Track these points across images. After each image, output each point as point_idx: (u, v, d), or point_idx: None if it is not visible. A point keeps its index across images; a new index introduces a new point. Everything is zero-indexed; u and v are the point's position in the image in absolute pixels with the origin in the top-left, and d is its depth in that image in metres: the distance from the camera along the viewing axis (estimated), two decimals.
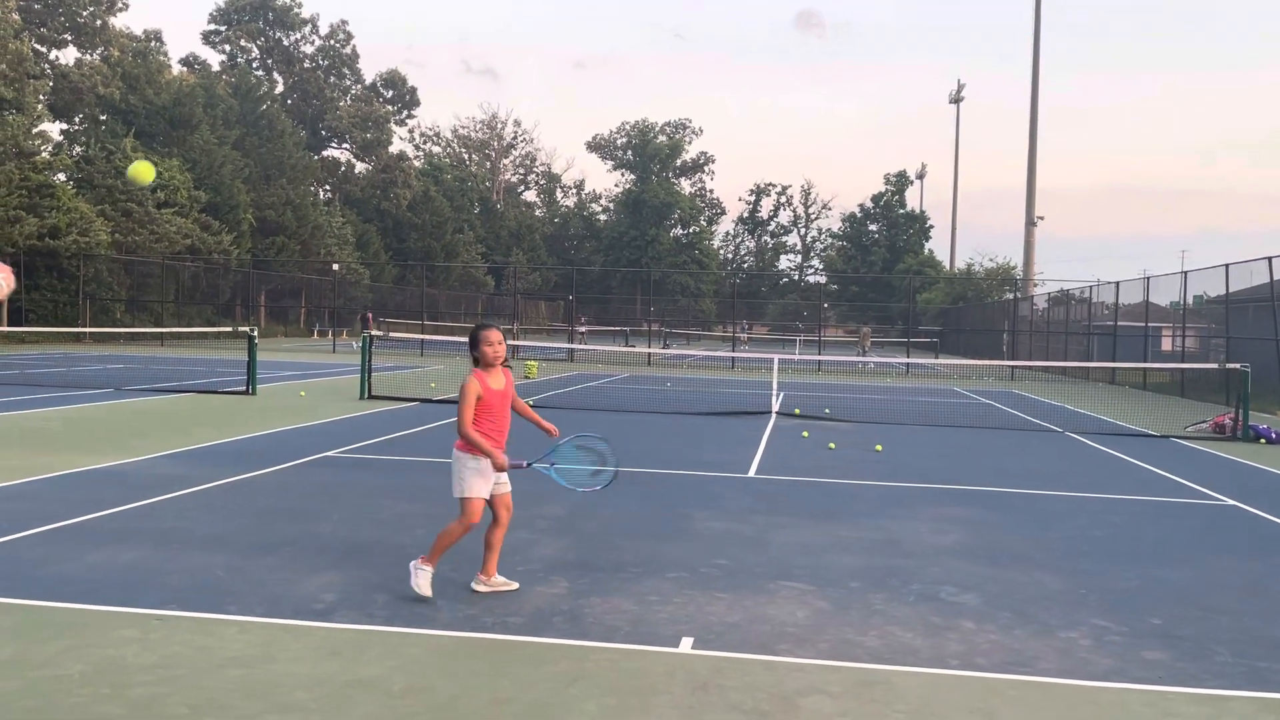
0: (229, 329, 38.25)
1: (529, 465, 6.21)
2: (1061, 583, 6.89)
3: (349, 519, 8.21)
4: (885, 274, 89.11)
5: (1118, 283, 35.85)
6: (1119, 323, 35.83)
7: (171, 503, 8.57)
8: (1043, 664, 5.20)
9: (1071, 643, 5.57)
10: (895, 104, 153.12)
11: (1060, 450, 14.74)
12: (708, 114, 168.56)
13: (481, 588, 6.14)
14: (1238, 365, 17.21)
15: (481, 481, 5.96)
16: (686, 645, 5.33)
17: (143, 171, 5.68)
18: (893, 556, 7.54)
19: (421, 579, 5.92)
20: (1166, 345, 37.08)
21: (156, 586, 6.08)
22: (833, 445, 14.03)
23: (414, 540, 7.41)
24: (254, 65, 72.10)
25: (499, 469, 5.97)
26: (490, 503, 6.07)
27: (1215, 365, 19.46)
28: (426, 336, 31.66)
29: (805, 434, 15.35)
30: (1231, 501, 10.54)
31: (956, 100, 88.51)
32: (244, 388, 19.18)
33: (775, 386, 19.39)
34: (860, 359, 43.42)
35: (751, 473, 11.48)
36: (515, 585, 6.25)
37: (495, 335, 6.16)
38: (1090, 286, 39.47)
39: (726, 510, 9.13)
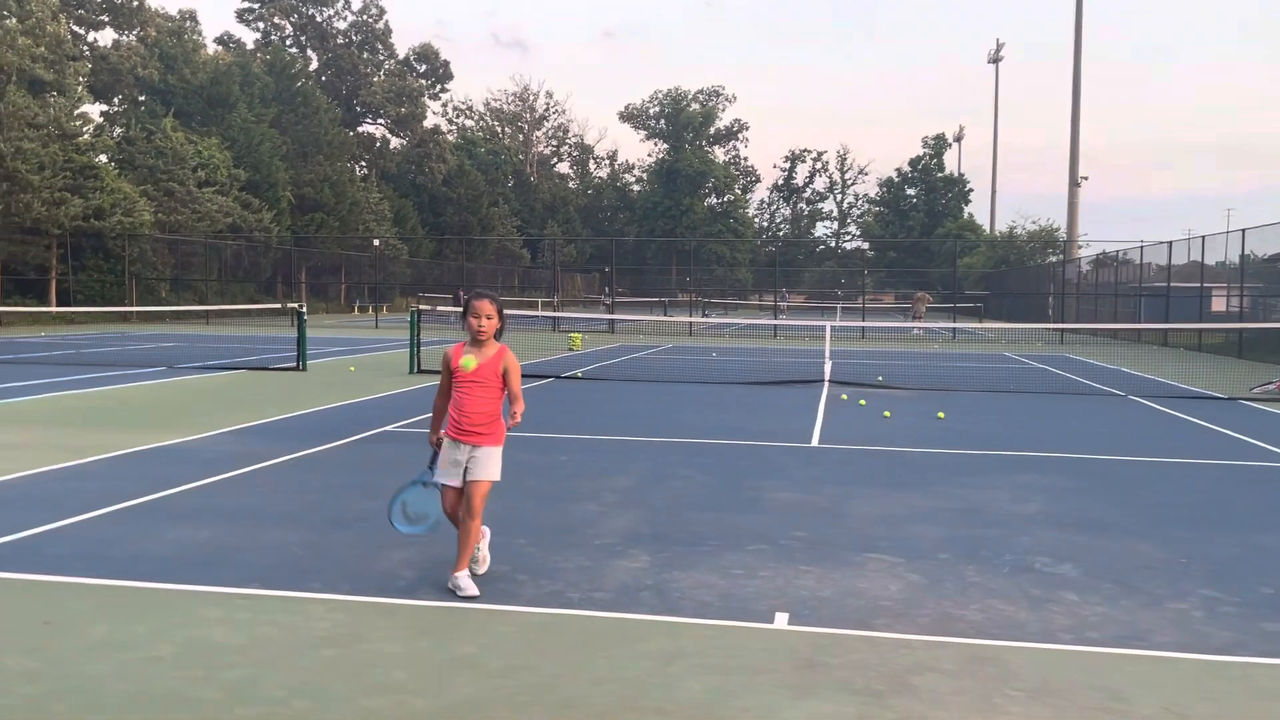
0: (277, 305, 38.44)
1: (425, 483, 5.75)
2: (1159, 551, 6.64)
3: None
4: (924, 239, 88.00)
5: (1170, 242, 35.04)
6: (1170, 284, 35.07)
7: (240, 479, 8.52)
8: (1158, 637, 4.98)
9: (1184, 614, 5.33)
10: (932, 66, 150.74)
11: (1127, 414, 14.38)
12: (741, 81, 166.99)
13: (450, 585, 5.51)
14: None
15: (445, 461, 5.58)
16: (782, 621, 5.16)
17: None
18: (976, 526, 7.31)
19: (459, 580, 5.44)
20: (1218, 305, 36.26)
21: (236, 564, 6.01)
22: (888, 414, 13.77)
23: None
24: (288, 43, 72.15)
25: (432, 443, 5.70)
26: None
27: (1276, 325, 18.84)
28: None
29: (863, 402, 15.09)
30: None
31: (995, 60, 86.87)
32: (294, 364, 19.21)
33: (828, 353, 19.11)
34: (914, 324, 42.80)
35: (814, 442, 11.27)
36: (475, 592, 5.42)
37: (486, 306, 5.52)
38: (1140, 247, 38.65)
39: (795, 480, 8.94)
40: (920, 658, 4.68)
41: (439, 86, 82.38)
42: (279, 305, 35.73)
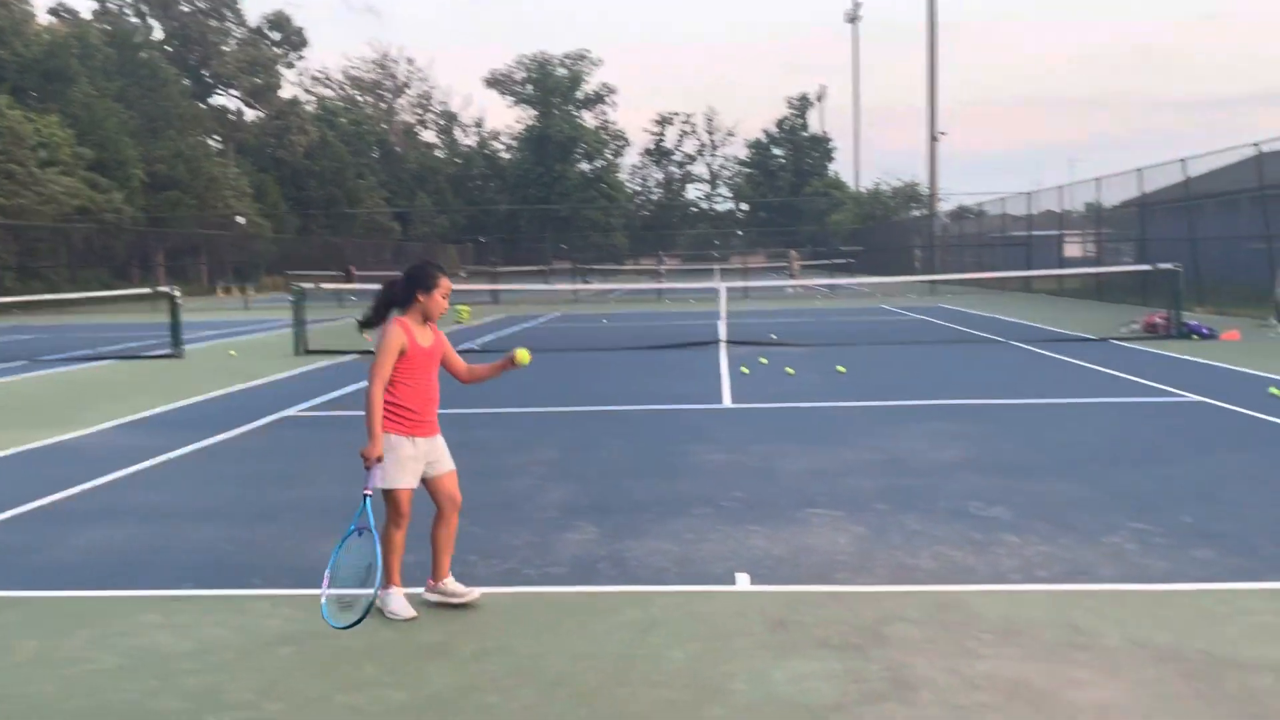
0: (142, 291, 36.51)
1: (365, 497, 4.62)
2: (1078, 489, 6.93)
3: (340, 480, 7.80)
4: (794, 198, 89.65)
5: (1029, 193, 36.58)
6: (1032, 232, 36.66)
7: (143, 475, 8.06)
8: (1102, 571, 5.19)
9: (1118, 548, 5.57)
10: (793, 27, 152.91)
11: (1013, 359, 14.98)
12: (606, 44, 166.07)
13: (431, 595, 4.88)
14: (1170, 266, 17.64)
15: (403, 468, 4.68)
16: (744, 582, 5.17)
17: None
18: (904, 476, 7.49)
19: (394, 603, 4.71)
20: (1072, 252, 38.05)
21: (164, 565, 5.67)
22: (791, 370, 13.99)
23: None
24: (128, 13, 68.13)
25: (364, 455, 4.61)
26: (428, 490, 4.84)
27: (1149, 267, 19.93)
28: (363, 287, 30.87)
29: (763, 360, 15.29)
30: (1196, 397, 10.81)
31: (853, 19, 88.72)
32: (170, 350, 18.30)
33: (724, 314, 19.29)
34: (788, 283, 43.46)
35: (727, 403, 11.36)
36: (477, 594, 4.88)
37: (448, 284, 4.84)
38: (1002, 198, 40.23)
39: (720, 442, 8.98)
40: (887, 608, 4.76)
41: (294, 55, 79.25)
42: (147, 291, 33.90)
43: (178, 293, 19.02)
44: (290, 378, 14.66)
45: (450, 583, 4.91)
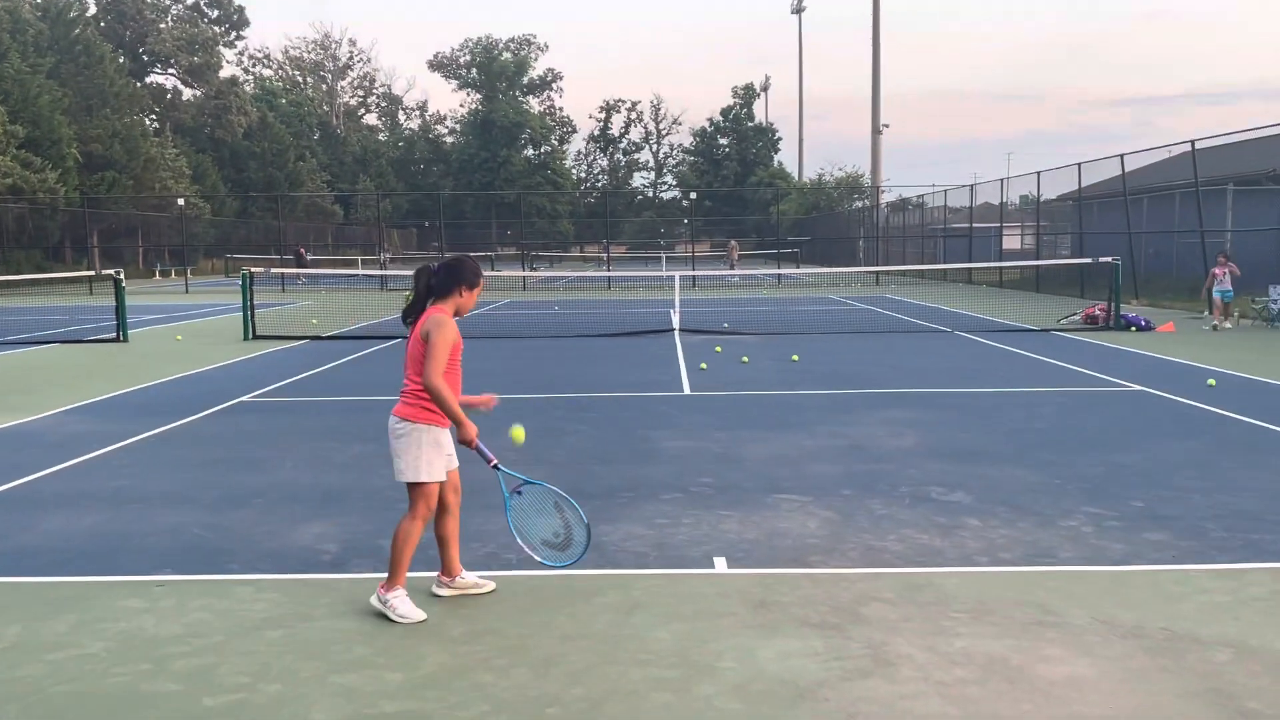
0: (85, 274, 35.60)
1: (496, 467, 4.84)
2: (1033, 475, 7.18)
3: (304, 465, 7.80)
4: (739, 188, 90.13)
5: (972, 186, 37.26)
6: (973, 224, 37.36)
7: (101, 461, 7.95)
8: (1063, 553, 5.41)
9: (1076, 531, 5.81)
10: (739, 16, 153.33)
11: (959, 349, 15.33)
12: (552, 30, 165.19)
13: (445, 591, 4.88)
14: (1110, 259, 18.15)
15: (441, 458, 4.66)
16: (722, 565, 5.30)
17: (516, 434, 5.09)
18: (864, 461, 7.68)
19: (402, 605, 4.57)
20: (1010, 244, 38.91)
21: (137, 551, 5.64)
22: (746, 359, 14.17)
23: (385, 482, 7.08)
24: None
25: (467, 441, 4.64)
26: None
27: (1090, 260, 20.48)
28: (334, 271, 30.35)
29: (718, 349, 15.46)
30: (1138, 386, 11.20)
31: (798, 11, 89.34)
32: (114, 334, 17.96)
33: (677, 303, 19.42)
34: (729, 273, 43.86)
35: (687, 390, 11.49)
36: (492, 586, 4.94)
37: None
38: (945, 191, 40.92)
39: (683, 429, 9.11)
40: (861, 589, 4.92)
41: (234, 34, 77.60)
42: (91, 273, 33.09)
43: (122, 275, 18.61)
44: (241, 363, 14.48)
45: (468, 575, 4.95)
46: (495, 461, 4.81)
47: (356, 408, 10.53)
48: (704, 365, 13.37)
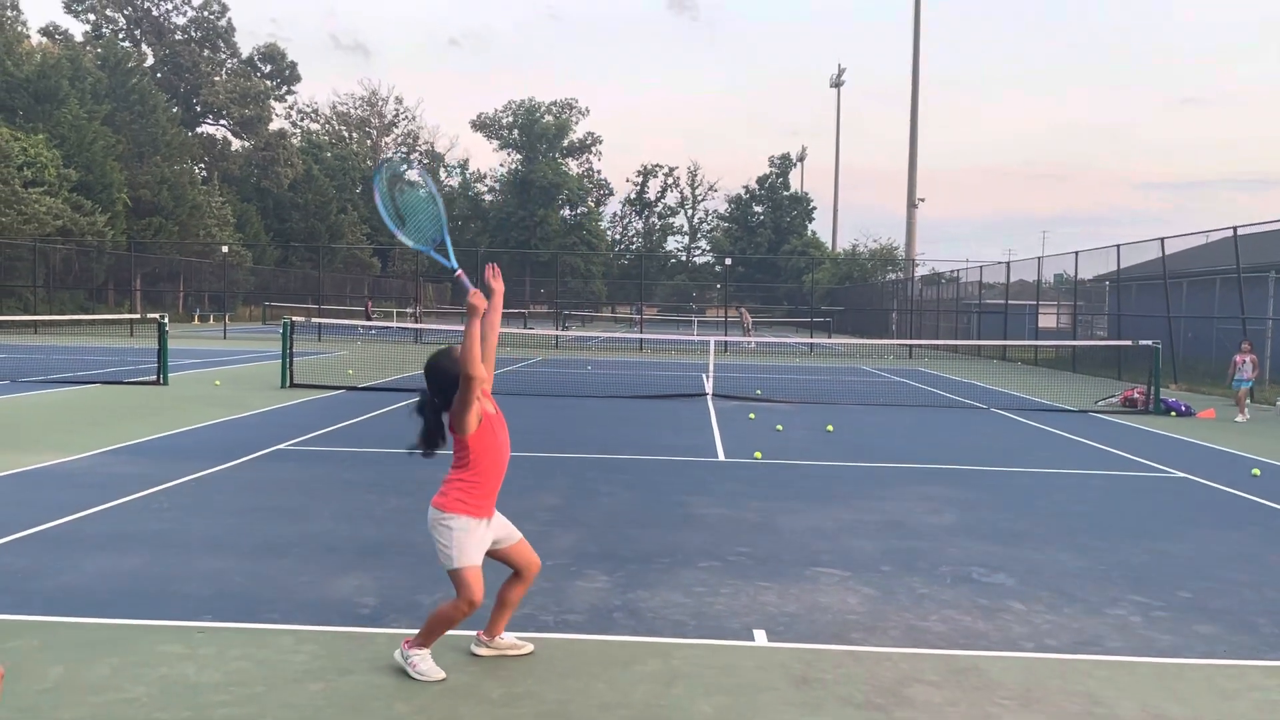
0: (133, 316, 36.21)
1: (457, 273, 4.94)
2: (1077, 559, 7.07)
3: (342, 516, 7.83)
4: (772, 255, 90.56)
5: (1008, 263, 37.24)
6: (1009, 301, 37.25)
7: (143, 503, 8.02)
8: (1111, 643, 5.31)
9: (1123, 620, 5.70)
10: (778, 88, 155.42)
11: (996, 426, 15.20)
12: (594, 95, 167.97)
13: (483, 650, 4.89)
14: (1150, 342, 18.01)
15: (476, 544, 4.61)
16: (762, 638, 5.24)
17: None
18: (904, 538, 7.60)
19: (423, 664, 4.58)
20: (1046, 323, 38.74)
21: (178, 596, 5.67)
22: (780, 427, 14.12)
23: (422, 537, 7.07)
24: (120, 36, 68.31)
25: (476, 306, 4.53)
26: (503, 559, 4.83)
27: (1129, 342, 20.33)
28: (373, 323, 30.69)
29: (752, 415, 15.43)
30: (1180, 473, 11.03)
31: (837, 84, 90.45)
32: (154, 377, 18.20)
33: (711, 368, 19.43)
34: (745, 339, 43.51)
35: (721, 456, 11.46)
36: (530, 648, 4.95)
37: None
38: (980, 266, 40.89)
39: (719, 495, 9.07)
40: (904, 670, 4.84)
41: (285, 89, 79.58)
42: (135, 316, 33.65)
43: (166, 320, 18.91)
44: (278, 411, 14.61)
45: (507, 635, 4.97)
46: (456, 271, 4.92)
47: (393, 460, 10.57)
48: (752, 415, 13.40)
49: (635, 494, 9.05)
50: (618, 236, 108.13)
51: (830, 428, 14.16)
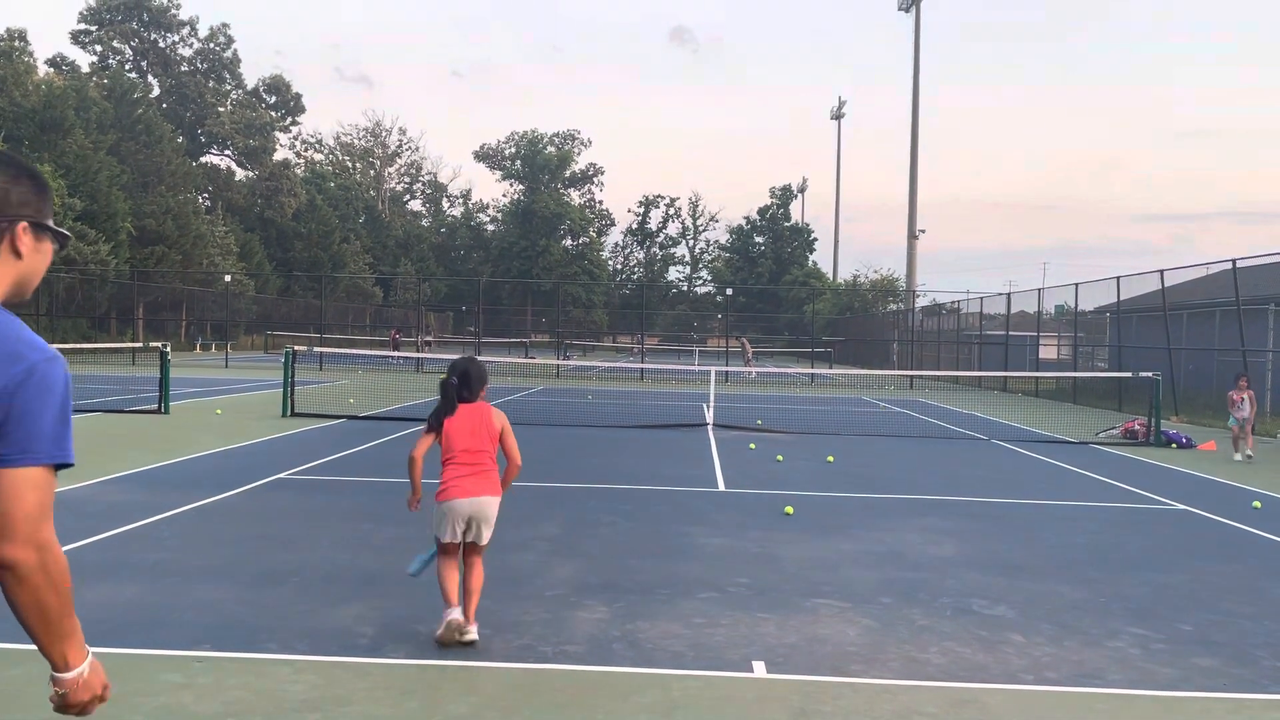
0: (135, 345, 36.33)
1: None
2: (1077, 591, 7.05)
3: (341, 545, 7.82)
4: (773, 285, 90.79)
5: (1009, 294, 37.33)
6: (1009, 332, 37.31)
7: (142, 532, 8.02)
8: (1112, 675, 5.29)
9: (1123, 653, 5.68)
10: (779, 120, 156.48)
11: (996, 457, 15.19)
12: (596, 126, 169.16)
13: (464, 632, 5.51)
14: (1150, 374, 18.03)
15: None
16: (761, 670, 5.23)
17: None
18: (904, 569, 7.59)
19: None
20: (1046, 354, 38.77)
21: (176, 625, 5.66)
22: (780, 458, 14.12)
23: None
24: (126, 67, 68.94)
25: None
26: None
27: (1130, 374, 20.35)
28: (369, 352, 30.75)
29: (752, 445, 15.42)
30: (1181, 505, 11.02)
31: (838, 117, 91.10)
32: (155, 406, 18.22)
33: (712, 398, 19.45)
34: (745, 369, 43.43)
35: (721, 487, 11.45)
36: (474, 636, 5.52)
37: None
38: (981, 298, 41.00)
39: (718, 526, 9.06)
40: (904, 702, 4.83)
41: (289, 120, 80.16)
42: (138, 344, 33.78)
43: (168, 348, 18.97)
44: (278, 440, 14.62)
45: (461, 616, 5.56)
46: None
47: (393, 490, 10.56)
48: (753, 445, 13.42)
49: (635, 524, 9.05)
50: (619, 266, 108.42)
51: (831, 458, 14.16)
